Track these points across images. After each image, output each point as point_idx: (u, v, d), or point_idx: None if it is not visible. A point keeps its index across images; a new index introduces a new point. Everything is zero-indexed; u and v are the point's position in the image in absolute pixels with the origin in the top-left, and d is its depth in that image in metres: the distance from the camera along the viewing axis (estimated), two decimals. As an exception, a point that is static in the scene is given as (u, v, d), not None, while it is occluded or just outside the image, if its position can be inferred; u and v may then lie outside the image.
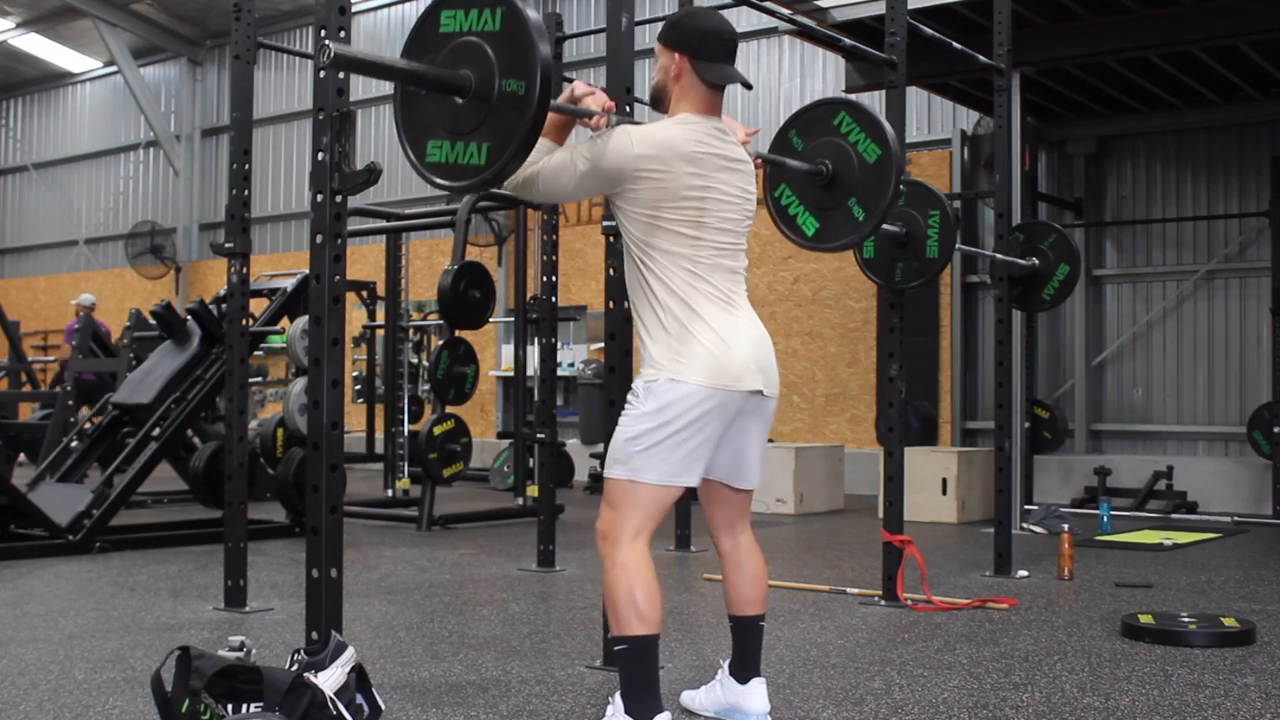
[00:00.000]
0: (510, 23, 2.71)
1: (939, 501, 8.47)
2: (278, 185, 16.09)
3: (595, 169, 2.91)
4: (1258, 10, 7.44)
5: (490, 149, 2.73)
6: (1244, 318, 9.78)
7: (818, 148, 4.10)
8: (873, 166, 3.99)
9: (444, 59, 2.80)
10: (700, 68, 3.04)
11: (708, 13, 3.14)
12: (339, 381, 3.27)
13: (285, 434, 8.13)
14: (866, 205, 4.05)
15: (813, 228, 4.16)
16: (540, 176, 2.93)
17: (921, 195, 5.23)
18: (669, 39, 3.09)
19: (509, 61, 2.70)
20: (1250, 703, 3.45)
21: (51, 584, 5.52)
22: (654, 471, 2.89)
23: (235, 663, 2.86)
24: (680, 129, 2.99)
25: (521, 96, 2.67)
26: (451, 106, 2.79)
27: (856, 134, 4.06)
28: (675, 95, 3.08)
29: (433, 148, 2.85)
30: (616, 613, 2.85)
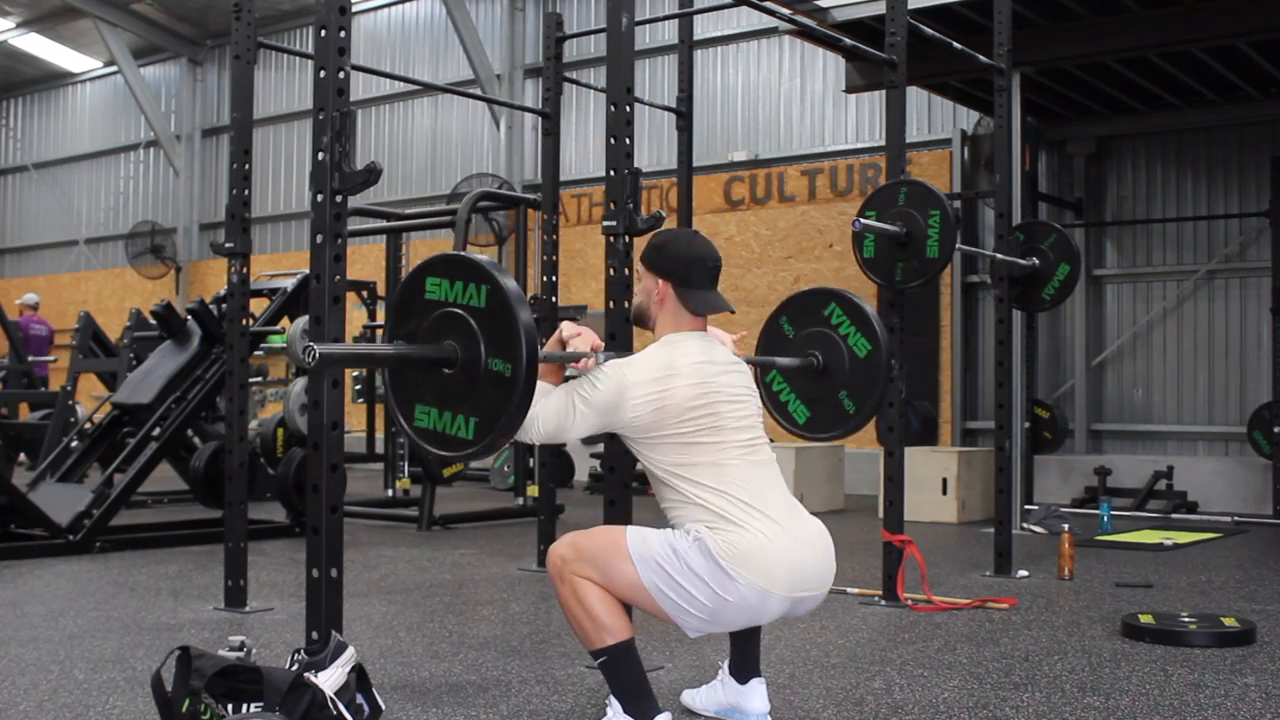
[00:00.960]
0: (494, 301, 2.69)
1: (939, 501, 8.47)
2: (278, 185, 16.09)
3: (593, 407, 2.90)
4: (1258, 10, 7.44)
5: (478, 425, 2.73)
6: (1244, 318, 9.78)
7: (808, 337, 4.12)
8: (863, 361, 4.00)
9: (430, 325, 2.79)
10: (684, 295, 3.04)
11: (691, 238, 3.13)
12: (339, 381, 3.27)
13: (285, 434, 8.13)
14: (857, 399, 4.05)
15: (804, 416, 4.18)
16: (539, 420, 2.91)
17: (921, 195, 5.22)
18: (653, 264, 3.08)
19: (494, 340, 2.68)
20: (1250, 703, 3.45)
21: (51, 584, 5.52)
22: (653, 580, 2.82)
23: (235, 663, 2.87)
24: (669, 350, 3.00)
25: (508, 379, 2.65)
26: (439, 376, 2.78)
27: (847, 327, 4.06)
28: (660, 319, 3.08)
29: (420, 413, 2.84)
30: (583, 631, 2.85)
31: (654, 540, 2.85)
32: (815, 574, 2.91)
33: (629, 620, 2.88)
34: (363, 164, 3.20)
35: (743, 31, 12.13)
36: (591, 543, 2.90)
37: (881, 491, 5.78)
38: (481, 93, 13.16)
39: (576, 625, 2.87)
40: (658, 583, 2.82)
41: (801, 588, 2.87)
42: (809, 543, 2.92)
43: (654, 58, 12.41)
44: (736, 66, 12.29)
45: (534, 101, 12.97)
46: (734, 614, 2.85)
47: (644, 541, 2.85)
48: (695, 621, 2.86)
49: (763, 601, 2.82)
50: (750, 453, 2.97)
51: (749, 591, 2.80)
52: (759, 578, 2.79)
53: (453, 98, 14.30)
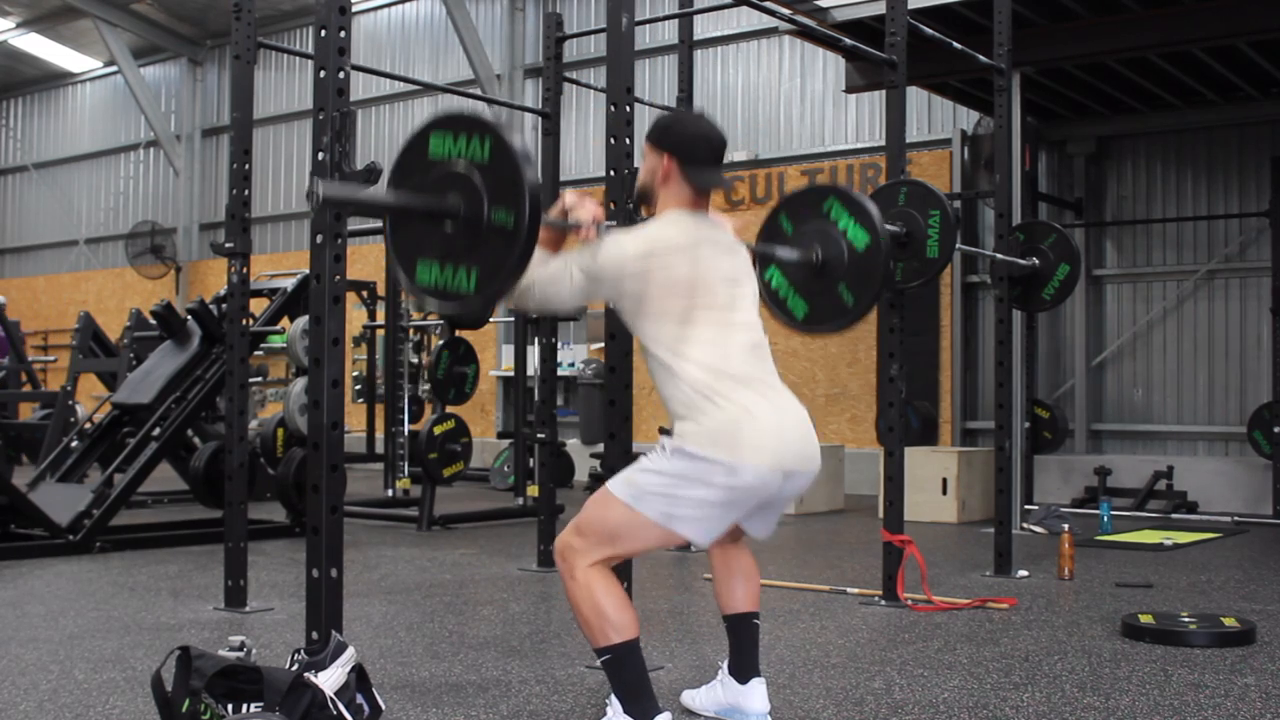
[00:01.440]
0: (499, 153, 2.69)
1: (939, 501, 8.47)
2: (278, 185, 16.09)
3: (591, 277, 2.92)
4: (1258, 10, 7.44)
5: (479, 276, 2.73)
6: (1244, 318, 9.78)
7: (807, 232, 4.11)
8: (862, 254, 3.99)
9: (432, 182, 2.79)
10: (689, 172, 3.04)
11: (697, 118, 3.15)
12: (339, 381, 3.27)
13: (285, 434, 8.13)
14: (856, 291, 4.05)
15: (802, 311, 4.17)
16: (536, 286, 2.93)
17: (921, 195, 5.22)
18: (658, 140, 3.08)
19: (498, 193, 2.68)
20: (1250, 703, 3.45)
21: (51, 584, 5.52)
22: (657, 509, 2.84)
23: (235, 663, 2.87)
24: (670, 226, 3.01)
25: (510, 230, 2.66)
26: (441, 231, 2.78)
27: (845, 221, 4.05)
28: (662, 196, 3.08)
29: (422, 268, 2.84)
30: (590, 627, 2.85)
31: (638, 477, 2.88)
32: (800, 448, 2.95)
33: (635, 619, 2.88)
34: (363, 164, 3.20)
35: (743, 31, 12.13)
36: (590, 518, 2.92)
37: (881, 491, 5.78)
38: (481, 93, 13.16)
39: (583, 621, 2.87)
40: (664, 509, 2.83)
41: (791, 461, 2.91)
42: (790, 413, 2.96)
43: (654, 58, 12.41)
44: (736, 66, 12.29)
45: (534, 101, 12.97)
46: (735, 499, 2.86)
47: (629, 483, 2.88)
48: (705, 525, 2.87)
49: (759, 478, 2.84)
50: (742, 332, 2.99)
51: (741, 468, 2.82)
52: (745, 452, 2.82)
53: (453, 98, 14.29)
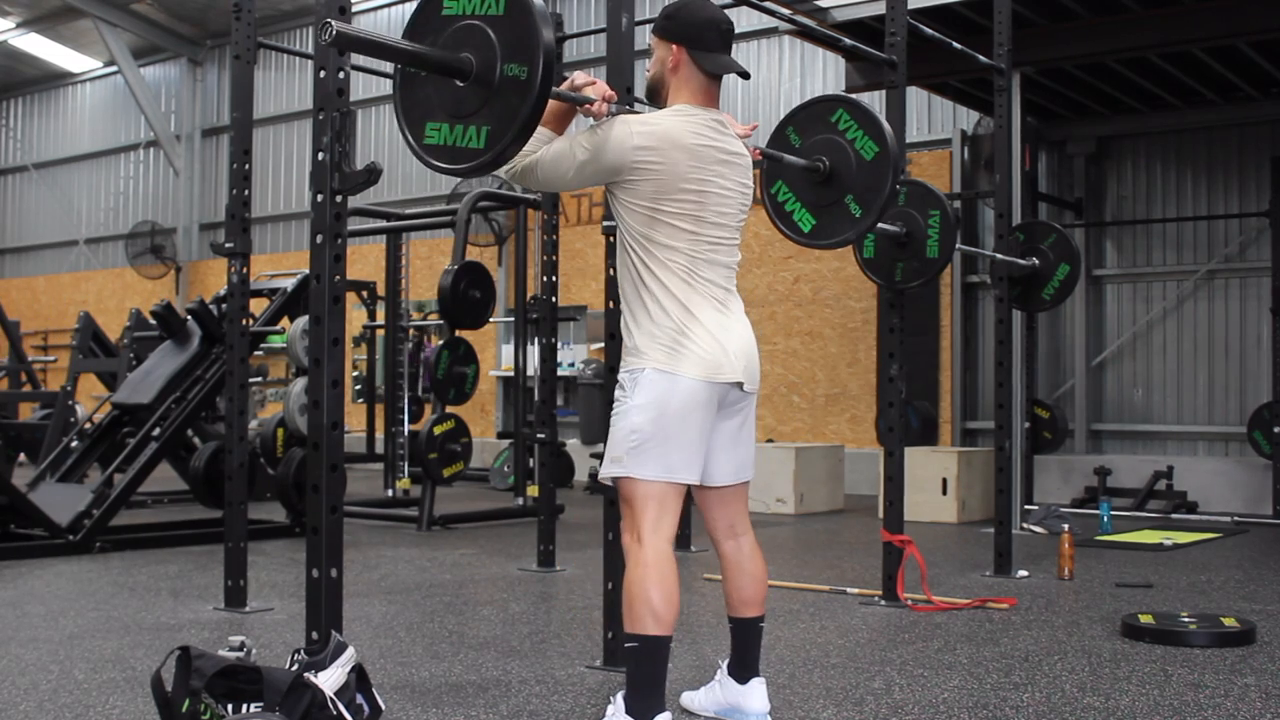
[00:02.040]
0: (514, 7, 2.70)
1: (939, 501, 8.47)
2: (278, 185, 16.09)
3: (594, 159, 2.91)
4: (1258, 10, 7.44)
5: (490, 133, 2.72)
6: (1244, 318, 9.78)
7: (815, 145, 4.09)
8: (870, 164, 3.97)
9: (446, 41, 2.79)
10: (699, 58, 3.04)
11: (704, 3, 3.13)
12: (339, 381, 3.27)
13: (285, 434, 8.13)
14: (864, 202, 4.04)
15: (809, 224, 4.15)
16: (539, 164, 2.93)
17: (921, 195, 5.22)
18: (665, 30, 3.08)
19: (512, 46, 2.68)
20: (1250, 703, 3.45)
21: (51, 584, 5.52)
22: (650, 468, 2.90)
23: (235, 663, 2.86)
24: (680, 120, 2.99)
25: (524, 81, 2.66)
26: (452, 89, 2.77)
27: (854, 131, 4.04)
28: (673, 87, 3.07)
29: (431, 130, 2.83)
30: (632, 609, 2.85)
31: (616, 440, 2.94)
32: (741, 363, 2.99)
33: (674, 620, 2.88)
34: (363, 164, 3.20)
35: (743, 31, 12.12)
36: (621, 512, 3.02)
37: (881, 491, 5.78)
38: (481, 93, 13.14)
39: (628, 603, 2.88)
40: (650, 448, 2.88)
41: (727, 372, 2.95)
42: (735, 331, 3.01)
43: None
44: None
45: (534, 101, 12.95)
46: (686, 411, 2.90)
47: (613, 460, 2.94)
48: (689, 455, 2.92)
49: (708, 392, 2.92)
50: (716, 250, 3.02)
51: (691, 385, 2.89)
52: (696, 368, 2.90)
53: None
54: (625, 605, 2.89)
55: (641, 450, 2.89)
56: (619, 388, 2.99)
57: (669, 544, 2.92)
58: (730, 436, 3.08)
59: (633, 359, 2.98)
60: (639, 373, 2.94)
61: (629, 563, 2.92)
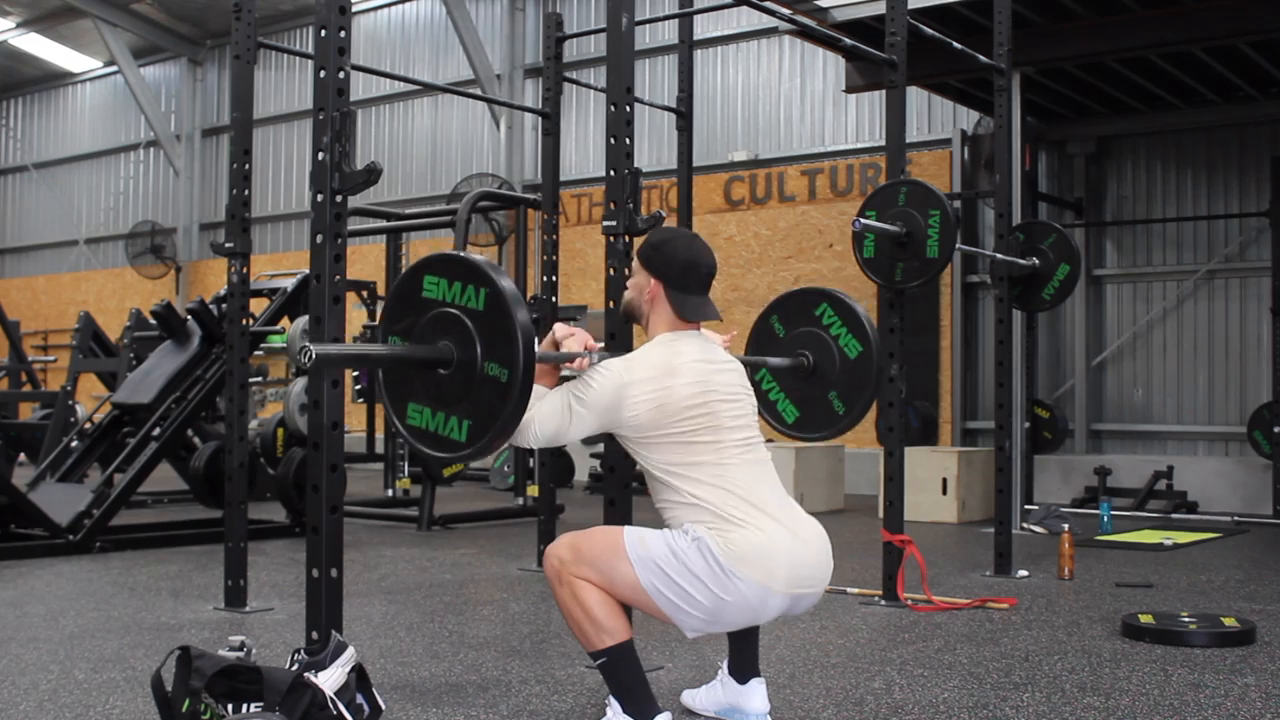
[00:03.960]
0: (493, 305, 2.68)
1: (939, 501, 8.47)
2: (278, 185, 16.09)
3: (589, 410, 2.88)
4: (1258, 10, 7.44)
5: (471, 428, 2.72)
6: (1244, 318, 9.78)
7: (799, 337, 4.09)
8: (854, 363, 3.97)
9: (425, 325, 2.78)
10: (675, 300, 3.03)
11: (690, 242, 3.11)
12: (339, 381, 3.27)
13: (285, 434, 8.13)
14: (847, 400, 4.03)
15: (793, 416, 4.15)
16: (536, 423, 2.87)
17: (921, 195, 5.22)
18: (647, 261, 3.07)
19: (491, 344, 2.67)
20: (1250, 703, 3.45)
21: (51, 584, 5.52)
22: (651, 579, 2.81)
23: (235, 663, 2.86)
24: (663, 349, 2.99)
25: (504, 384, 2.64)
26: (433, 375, 2.77)
27: (838, 328, 4.03)
28: (652, 318, 3.08)
29: (414, 411, 2.83)
30: (582, 632, 2.85)
31: (652, 541, 2.84)
32: (814, 571, 2.90)
33: (628, 622, 2.88)
34: (363, 164, 3.20)
35: (743, 31, 12.13)
36: (590, 544, 2.89)
37: (881, 491, 5.78)
38: (481, 93, 13.16)
39: (575, 627, 2.86)
40: (657, 584, 2.81)
41: (801, 585, 2.86)
42: (808, 540, 2.91)
43: (654, 58, 12.41)
44: (736, 66, 12.29)
45: (534, 101, 12.98)
46: (733, 614, 2.84)
47: (642, 542, 2.84)
48: (695, 622, 2.86)
49: (763, 600, 2.82)
50: (747, 451, 2.96)
51: (749, 590, 2.79)
52: (759, 575, 2.79)
53: (453, 98, 14.30)
54: (573, 628, 2.87)
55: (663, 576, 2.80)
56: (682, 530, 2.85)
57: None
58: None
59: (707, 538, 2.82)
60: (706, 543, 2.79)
61: (553, 582, 2.89)
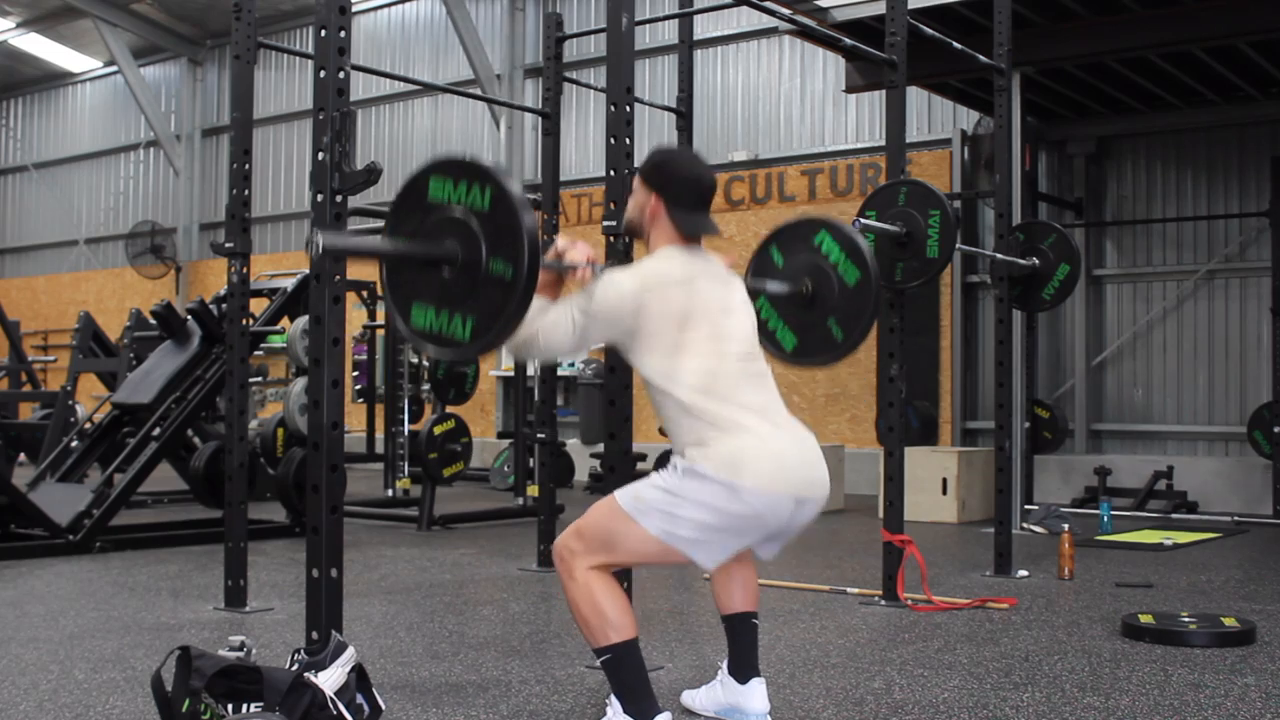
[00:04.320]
0: (499, 204, 2.68)
1: (939, 501, 8.47)
2: (278, 185, 16.09)
3: (592, 319, 2.89)
4: (1258, 10, 7.44)
5: (475, 325, 2.71)
6: (1244, 318, 9.78)
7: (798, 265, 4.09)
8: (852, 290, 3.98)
9: (430, 226, 2.78)
10: (675, 216, 3.04)
11: (691, 159, 3.13)
12: (339, 381, 3.27)
13: (285, 434, 8.13)
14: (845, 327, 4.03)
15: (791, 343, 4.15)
16: (539, 336, 2.89)
17: (921, 195, 5.22)
18: (648, 177, 3.08)
19: (497, 243, 2.67)
20: (1250, 703, 3.45)
21: (51, 584, 5.52)
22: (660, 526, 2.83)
23: (235, 663, 2.87)
24: (663, 262, 3.00)
25: (509, 282, 2.64)
26: (438, 275, 2.77)
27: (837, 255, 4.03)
28: (653, 234, 3.09)
29: (418, 312, 2.83)
30: (589, 626, 2.85)
31: (645, 491, 2.87)
32: (812, 474, 2.95)
33: (634, 619, 2.88)
34: (363, 164, 3.20)
35: (743, 31, 12.13)
36: (591, 522, 2.91)
37: (881, 491, 5.78)
38: (481, 93, 13.16)
39: (582, 621, 2.87)
40: (665, 527, 2.82)
41: (801, 488, 2.90)
42: (802, 441, 2.97)
43: (654, 58, 12.41)
44: (736, 66, 12.29)
45: (534, 101, 12.98)
46: (741, 526, 2.85)
47: (637, 497, 2.87)
48: (710, 549, 2.87)
49: (768, 506, 2.83)
50: (745, 362, 2.99)
51: (751, 498, 2.81)
52: (759, 481, 2.81)
53: (453, 98, 14.30)
54: (581, 624, 2.88)
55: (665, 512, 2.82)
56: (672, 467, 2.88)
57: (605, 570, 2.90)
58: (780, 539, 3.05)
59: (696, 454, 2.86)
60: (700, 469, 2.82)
61: (563, 577, 2.89)
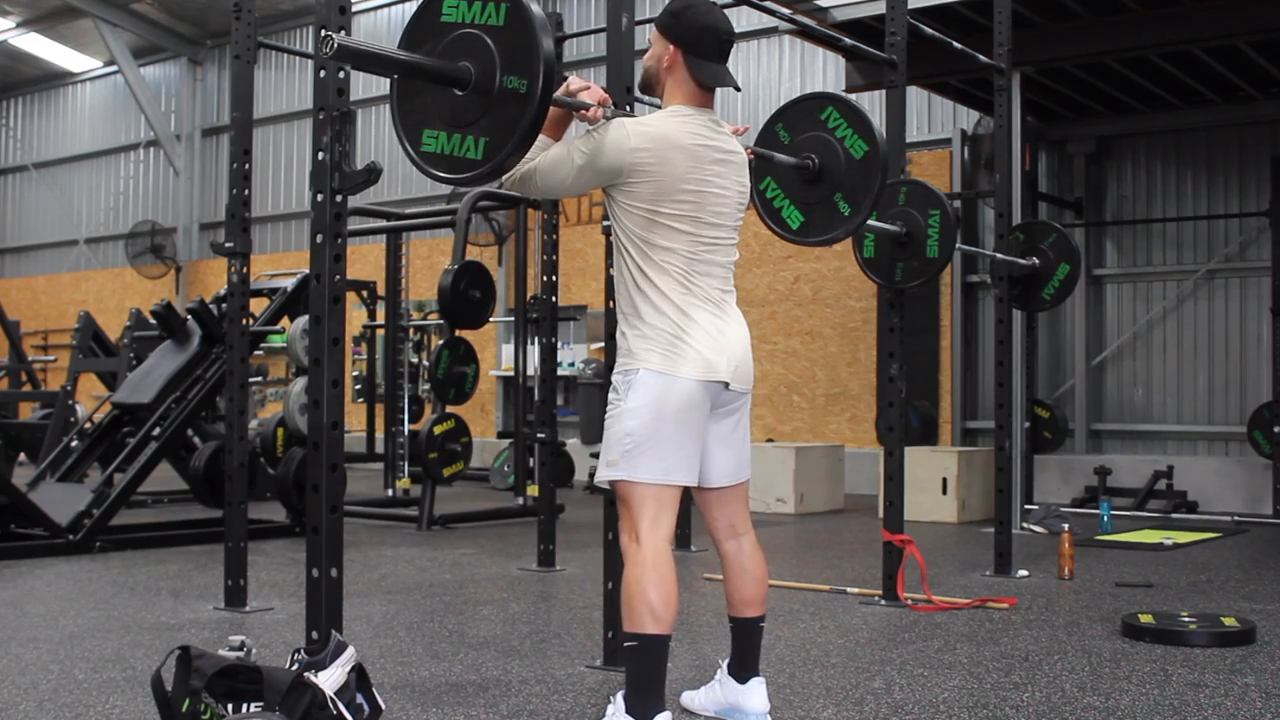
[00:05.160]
0: (514, 18, 2.69)
1: (939, 501, 8.47)
2: (278, 185, 16.09)
3: (592, 163, 2.91)
4: (1258, 10, 7.44)
5: (488, 144, 2.72)
6: (1244, 318, 9.78)
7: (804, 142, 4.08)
8: (860, 162, 3.96)
9: (444, 48, 2.77)
10: (693, 65, 3.03)
11: (709, 8, 3.11)
12: (339, 381, 3.27)
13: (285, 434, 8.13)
14: (852, 201, 4.03)
15: (798, 221, 4.14)
16: (538, 172, 2.93)
17: (921, 195, 5.22)
18: (665, 28, 3.08)
19: (512, 58, 2.67)
20: (1250, 703, 3.45)
21: (52, 584, 5.52)
22: (646, 470, 2.90)
23: (235, 662, 2.86)
24: (675, 121, 3.00)
25: (523, 94, 2.65)
26: (450, 98, 2.76)
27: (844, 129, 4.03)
28: (668, 87, 3.08)
29: (429, 137, 2.82)
30: (631, 608, 2.85)
31: (612, 443, 2.93)
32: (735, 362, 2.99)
33: (674, 617, 2.88)
34: (363, 164, 3.20)
35: (743, 31, 12.12)
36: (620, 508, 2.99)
37: (881, 491, 5.78)
38: (481, 93, 13.14)
39: (627, 602, 2.88)
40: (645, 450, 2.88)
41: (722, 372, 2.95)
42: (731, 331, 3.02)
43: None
44: (736, 66, 12.21)
45: (534, 101, 12.96)
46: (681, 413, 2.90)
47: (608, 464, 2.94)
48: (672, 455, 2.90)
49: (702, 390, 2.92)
50: (712, 250, 3.03)
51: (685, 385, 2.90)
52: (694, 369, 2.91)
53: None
54: (624, 605, 2.89)
55: (636, 453, 2.90)
56: (613, 390, 3.00)
57: (667, 543, 2.93)
58: (724, 438, 3.08)
59: (626, 360, 2.98)
60: (633, 374, 2.94)
61: (627, 563, 2.92)
